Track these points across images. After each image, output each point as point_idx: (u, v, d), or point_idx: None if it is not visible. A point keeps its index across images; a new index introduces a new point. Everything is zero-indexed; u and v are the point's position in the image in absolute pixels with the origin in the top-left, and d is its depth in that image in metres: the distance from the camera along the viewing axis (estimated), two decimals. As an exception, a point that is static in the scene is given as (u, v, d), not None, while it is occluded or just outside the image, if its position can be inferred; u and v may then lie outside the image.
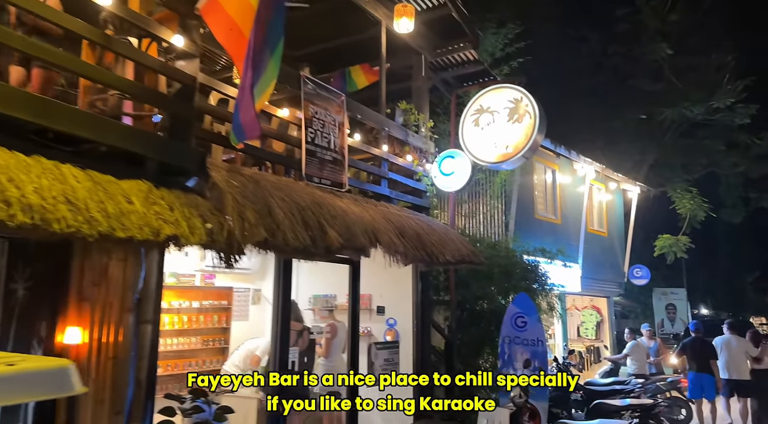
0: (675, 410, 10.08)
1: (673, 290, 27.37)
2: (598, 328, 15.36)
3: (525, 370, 7.44)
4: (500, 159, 7.60)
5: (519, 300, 8.30)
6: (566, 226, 13.60)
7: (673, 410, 10.00)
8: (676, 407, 10.10)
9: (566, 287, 12.91)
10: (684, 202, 15.93)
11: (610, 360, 12.22)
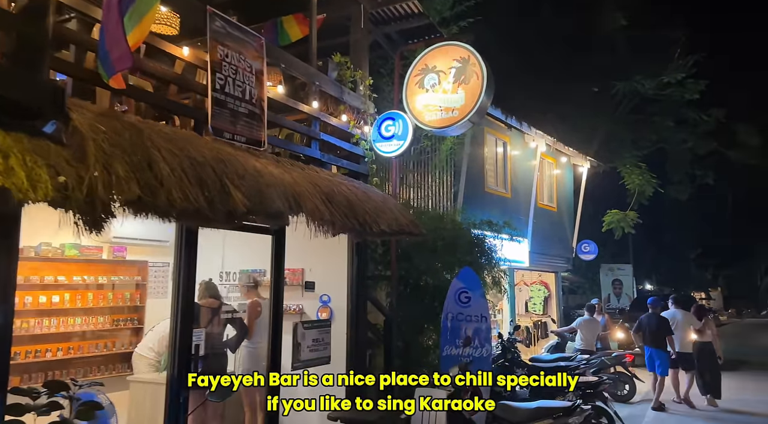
0: (619, 386, 10.01)
1: (619, 265, 27.94)
2: (545, 303, 15.27)
3: (465, 348, 7.01)
4: (446, 123, 7.04)
5: (463, 275, 7.87)
6: (516, 200, 13.29)
7: (617, 385, 9.92)
8: (620, 383, 10.02)
9: (515, 262, 12.65)
10: (633, 177, 15.92)
11: (557, 333, 12.06)
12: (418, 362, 8.13)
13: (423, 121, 7.05)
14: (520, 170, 13.47)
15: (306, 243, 5.38)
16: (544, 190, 14.67)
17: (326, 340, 5.84)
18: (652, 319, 9.64)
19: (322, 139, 5.82)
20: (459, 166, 10.86)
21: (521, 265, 13.10)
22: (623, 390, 10.07)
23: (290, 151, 5.83)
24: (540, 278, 15.57)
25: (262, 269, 6.72)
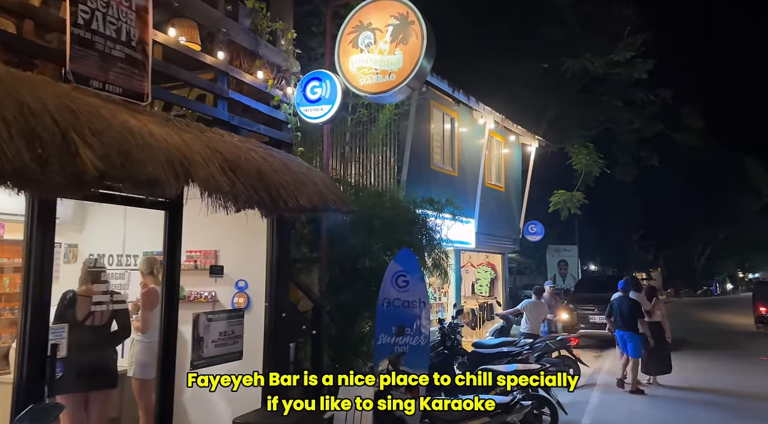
0: (563, 370, 9.72)
1: (565, 246, 28.19)
2: (492, 285, 14.91)
3: (398, 338, 6.37)
4: (382, 88, 6.26)
5: (401, 257, 7.20)
6: (464, 179, 12.73)
7: (560, 369, 9.64)
8: (565, 367, 9.73)
9: (461, 243, 12.14)
10: (580, 157, 15.67)
11: (501, 316, 11.61)
12: (352, 352, 7.47)
13: (357, 86, 6.26)
14: (468, 148, 12.90)
15: (220, 221, 4.57)
16: (492, 170, 14.18)
17: (237, 332, 5.06)
18: (623, 302, 9.48)
19: (232, 99, 4.95)
20: (403, 140, 10.15)
21: (468, 246, 12.61)
22: (568, 374, 9.81)
23: (199, 114, 4.94)
24: (487, 260, 15.19)
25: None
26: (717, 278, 52.14)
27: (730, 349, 14.66)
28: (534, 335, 10.06)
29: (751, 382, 10.31)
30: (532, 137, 14.78)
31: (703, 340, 15.86)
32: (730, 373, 11.29)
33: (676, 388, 9.66)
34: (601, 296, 14.33)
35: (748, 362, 12.62)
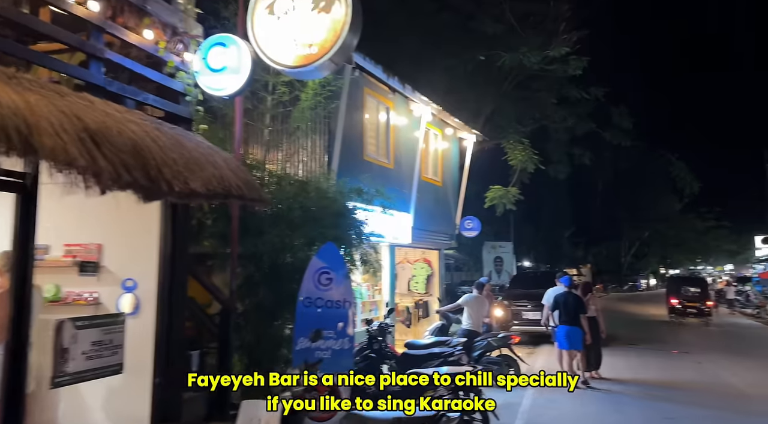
0: (504, 369, 9.38)
1: (501, 243, 28.36)
2: (428, 281, 14.46)
3: (315, 343, 5.68)
4: (302, 62, 5.54)
5: (325, 252, 6.51)
6: (399, 172, 12.16)
7: (502, 368, 9.30)
8: (505, 366, 9.40)
9: (393, 238, 11.56)
10: (516, 153, 15.50)
11: (441, 314, 11.04)
12: (271, 358, 6.71)
13: (272, 58, 5.50)
14: (404, 140, 12.33)
15: (107, 209, 3.72)
16: (429, 163, 13.70)
17: (117, 341, 4.19)
18: (568, 297, 9.48)
19: (110, 61, 4.08)
20: (333, 128, 9.43)
21: (403, 241, 12.05)
22: (509, 373, 9.44)
23: (76, 81, 4.05)
24: (423, 256, 14.73)
25: (44, 243, 4.85)
26: (642, 274, 54.56)
27: (655, 343, 15.01)
28: (475, 331, 9.63)
29: (675, 374, 10.58)
30: (469, 131, 14.42)
31: (629, 333, 16.13)
32: (658, 369, 11.38)
33: (607, 379, 9.81)
34: (535, 292, 14.19)
35: (670, 357, 12.93)
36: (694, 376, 10.68)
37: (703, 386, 9.80)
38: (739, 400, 8.75)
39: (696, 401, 8.63)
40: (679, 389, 9.41)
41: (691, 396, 8.96)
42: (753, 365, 12.09)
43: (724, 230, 44.12)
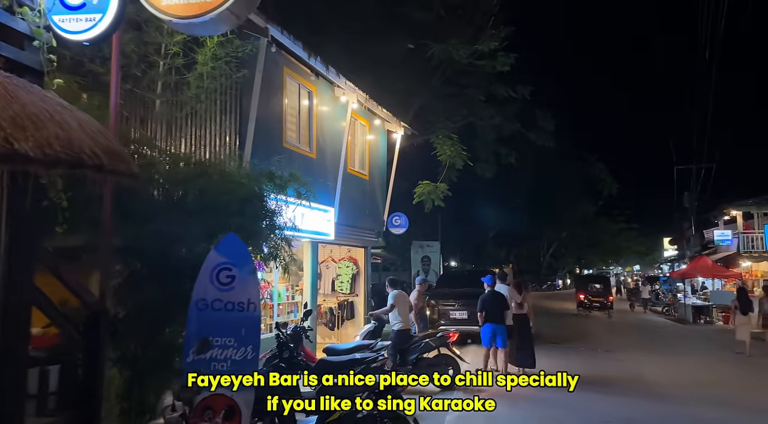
0: (443, 369, 8.75)
1: (429, 242, 27.97)
2: (354, 281, 13.58)
3: (206, 355, 4.65)
4: (193, 12, 4.48)
5: (226, 244, 5.45)
6: (323, 163, 11.20)
7: (441, 369, 8.69)
8: (443, 366, 8.78)
9: (318, 234, 10.60)
10: (445, 148, 14.98)
11: (374, 316, 10.10)
12: (159, 371, 5.56)
13: (156, 5, 4.41)
14: (329, 129, 11.39)
15: None
16: (355, 155, 12.84)
17: None
18: (493, 296, 9.55)
19: None
20: (247, 109, 8.34)
21: (326, 237, 11.10)
22: (446, 373, 8.77)
23: None
24: (349, 254, 13.84)
25: None
26: (559, 274, 56.58)
27: (577, 342, 15.04)
28: (407, 331, 8.89)
29: (601, 373, 10.43)
30: (398, 124, 13.70)
31: (552, 331, 16.09)
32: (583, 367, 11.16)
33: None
34: (462, 291, 13.76)
35: (597, 356, 12.92)
36: (618, 373, 10.64)
37: (628, 383, 9.74)
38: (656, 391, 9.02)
39: (625, 400, 8.46)
40: (608, 388, 9.20)
41: (620, 394, 8.79)
42: (666, 361, 12.25)
43: (634, 232, 46.49)
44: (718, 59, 25.93)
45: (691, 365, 11.92)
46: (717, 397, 8.71)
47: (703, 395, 8.82)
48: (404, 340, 8.75)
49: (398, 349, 8.62)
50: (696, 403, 8.24)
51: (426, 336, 8.99)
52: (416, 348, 8.73)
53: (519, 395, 8.29)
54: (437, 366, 8.69)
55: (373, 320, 9.95)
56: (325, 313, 12.82)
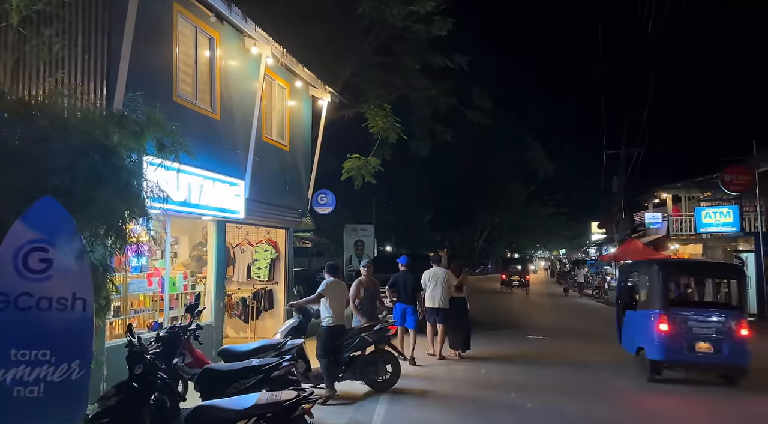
0: (381, 369, 7.42)
1: (362, 226, 26.46)
2: (273, 267, 11.79)
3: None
4: None
5: (39, 213, 3.69)
6: (230, 126, 9.31)
7: (378, 368, 7.41)
8: (382, 365, 7.45)
9: (223, 211, 8.76)
10: (377, 119, 13.39)
11: (296, 308, 7.91)
12: None
13: None
14: (238, 87, 9.50)
15: None
16: (273, 122, 10.99)
17: None
18: (407, 277, 9.44)
19: None
20: (118, 45, 6.37)
21: (235, 216, 9.26)
22: (385, 374, 7.43)
23: None
24: (268, 236, 12.02)
25: None
26: (492, 258, 56.85)
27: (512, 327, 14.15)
28: (340, 326, 7.29)
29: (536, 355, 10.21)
30: (324, 89, 11.94)
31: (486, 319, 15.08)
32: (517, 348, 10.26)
33: (472, 357, 9.62)
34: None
35: (526, 340, 12.43)
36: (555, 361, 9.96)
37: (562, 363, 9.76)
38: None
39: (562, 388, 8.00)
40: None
41: (556, 387, 8.09)
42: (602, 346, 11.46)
43: (563, 217, 47.11)
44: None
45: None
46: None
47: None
48: (334, 337, 7.16)
49: (327, 348, 7.03)
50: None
51: (362, 330, 7.47)
52: (349, 345, 7.23)
53: (450, 396, 7.18)
54: (374, 364, 7.39)
55: (295, 312, 8.14)
56: (237, 304, 11.00)
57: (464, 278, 9.86)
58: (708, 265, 13.42)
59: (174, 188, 7.53)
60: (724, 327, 8.05)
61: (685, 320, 8.14)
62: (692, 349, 8.03)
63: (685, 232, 21.52)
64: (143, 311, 8.03)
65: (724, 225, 18.80)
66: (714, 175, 19.68)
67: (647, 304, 8.86)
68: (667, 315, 8.14)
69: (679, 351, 8.05)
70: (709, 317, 8.20)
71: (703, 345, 8.04)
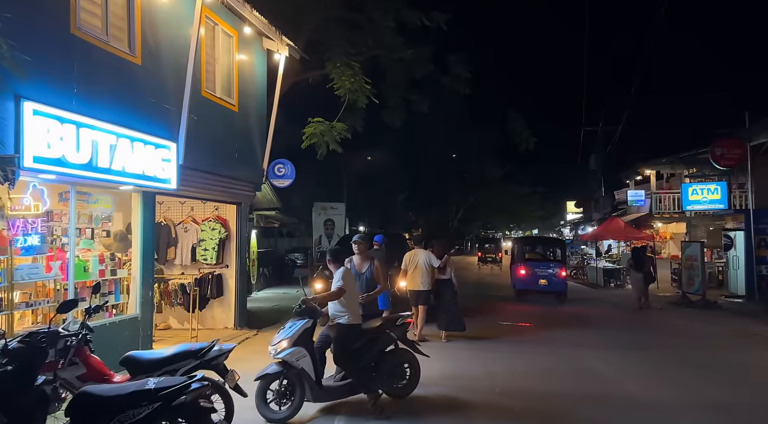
0: (404, 372, 6.01)
1: (332, 204, 24.66)
2: (222, 248, 10.06)
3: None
4: None
5: None
6: (156, 74, 7.46)
7: (400, 372, 6.00)
8: (402, 367, 6.03)
9: (148, 179, 6.96)
10: (344, 79, 11.60)
11: (310, 306, 5.48)
12: None
13: None
14: (167, 28, 7.63)
15: None
16: (215, 76, 9.13)
17: None
18: (379, 255, 8.14)
19: None
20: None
21: (165, 185, 7.47)
22: (406, 378, 5.93)
23: None
24: (216, 213, 10.28)
25: None
26: (467, 238, 55.79)
27: (495, 314, 12.80)
28: (356, 326, 5.58)
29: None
30: (280, 40, 10.10)
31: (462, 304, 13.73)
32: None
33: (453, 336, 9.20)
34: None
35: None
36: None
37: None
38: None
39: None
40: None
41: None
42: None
43: (538, 196, 46.11)
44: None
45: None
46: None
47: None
48: (353, 339, 5.50)
49: (348, 351, 5.48)
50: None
51: (380, 327, 5.78)
52: (372, 347, 5.63)
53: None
54: (401, 367, 5.88)
55: (300, 308, 5.53)
56: (176, 291, 9.26)
57: (448, 259, 9.23)
58: (547, 238, 26.44)
59: (72, 147, 5.77)
60: (553, 272, 14.94)
61: (533, 268, 15.10)
62: (537, 283, 14.88)
63: (668, 209, 20.43)
64: (39, 304, 6.26)
65: (712, 202, 17.70)
66: (700, 151, 18.52)
67: (515, 261, 16.30)
68: (523, 266, 15.35)
69: (530, 284, 15.01)
70: (546, 267, 15.18)
71: (543, 281, 14.87)
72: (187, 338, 8.89)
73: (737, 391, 6.46)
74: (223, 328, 10.09)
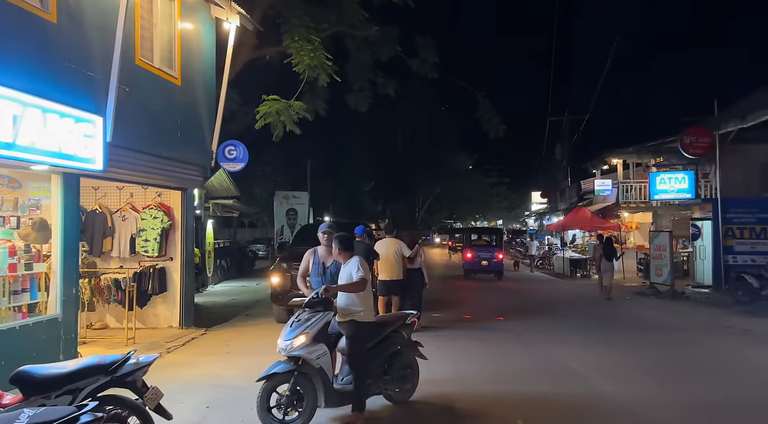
0: (410, 379, 5.36)
1: (295, 193, 23.59)
2: (165, 238, 9.01)
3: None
4: None
5: None
6: (76, 34, 6.35)
7: (408, 378, 5.39)
8: (410, 375, 5.43)
9: (66, 158, 5.88)
10: (302, 55, 10.60)
11: (328, 296, 4.66)
12: None
13: None
14: (92, -16, 6.53)
15: None
16: (155, 44, 8.02)
17: None
18: (359, 247, 7.77)
19: None
20: None
21: (89, 166, 6.38)
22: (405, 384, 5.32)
23: None
24: (159, 199, 9.20)
25: None
26: (433, 229, 55.41)
27: (464, 305, 12.20)
28: (373, 323, 4.96)
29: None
30: (230, 8, 9.04)
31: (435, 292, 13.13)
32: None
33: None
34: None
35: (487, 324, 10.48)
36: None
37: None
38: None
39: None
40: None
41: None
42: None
43: (504, 186, 46.00)
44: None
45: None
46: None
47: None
48: (367, 339, 4.86)
49: (361, 352, 4.76)
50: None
51: (386, 325, 5.17)
52: (385, 349, 5.07)
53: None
54: (405, 370, 5.27)
55: (317, 298, 4.62)
56: (109, 287, 8.18)
57: (419, 249, 9.10)
58: (488, 228, 39.78)
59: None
60: (492, 254, 19.11)
61: (477, 252, 19.30)
62: (479, 264, 19.07)
63: (635, 199, 20.24)
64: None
65: (679, 191, 17.51)
66: (667, 140, 18.33)
67: (463, 246, 21.14)
68: (469, 250, 19.56)
69: (474, 265, 19.12)
70: (487, 250, 19.38)
71: (484, 262, 19.03)
72: (126, 339, 7.88)
73: (730, 388, 5.93)
74: (167, 327, 9.09)
